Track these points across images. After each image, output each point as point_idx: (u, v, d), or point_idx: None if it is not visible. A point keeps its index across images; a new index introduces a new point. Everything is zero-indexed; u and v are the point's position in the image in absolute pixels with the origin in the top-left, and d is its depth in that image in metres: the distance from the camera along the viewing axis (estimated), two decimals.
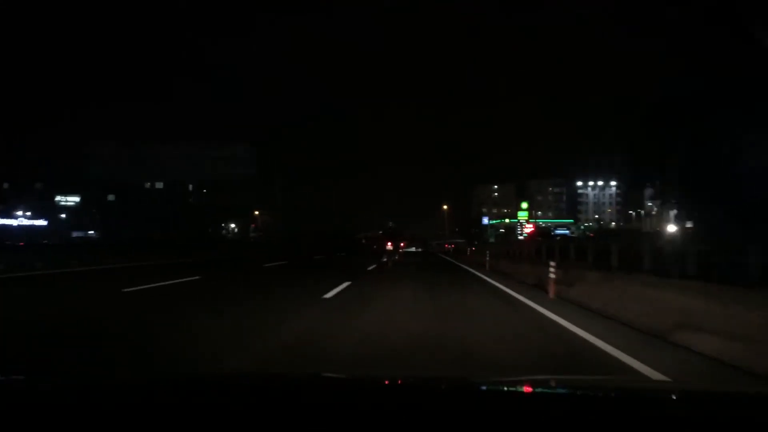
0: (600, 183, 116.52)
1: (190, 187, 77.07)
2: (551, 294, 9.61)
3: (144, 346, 5.19)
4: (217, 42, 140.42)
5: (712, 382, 3.97)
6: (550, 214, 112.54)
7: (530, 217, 79.09)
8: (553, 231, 59.47)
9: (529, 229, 57.69)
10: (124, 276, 14.62)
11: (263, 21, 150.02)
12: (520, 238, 57.84)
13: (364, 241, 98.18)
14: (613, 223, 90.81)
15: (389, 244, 45.09)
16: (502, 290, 11.42)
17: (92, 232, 66.63)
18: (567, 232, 58.59)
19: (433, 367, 4.38)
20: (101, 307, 8.50)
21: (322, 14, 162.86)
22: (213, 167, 42.13)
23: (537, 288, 11.13)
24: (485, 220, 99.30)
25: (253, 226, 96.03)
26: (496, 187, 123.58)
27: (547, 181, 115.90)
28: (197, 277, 13.96)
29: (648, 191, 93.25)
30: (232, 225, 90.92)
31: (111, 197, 74.04)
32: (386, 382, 1.96)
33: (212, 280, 14.04)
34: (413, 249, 73.52)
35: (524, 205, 60.61)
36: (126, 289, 10.68)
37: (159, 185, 75.26)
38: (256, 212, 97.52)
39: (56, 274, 15.38)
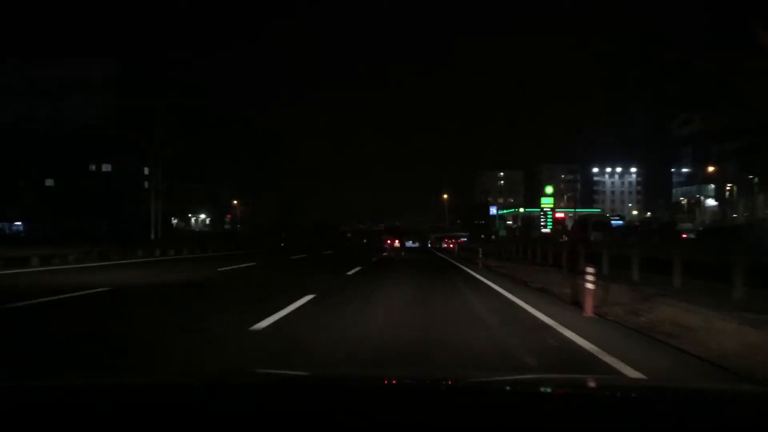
0: (619, 169, 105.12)
1: (146, 170, 64.77)
2: None
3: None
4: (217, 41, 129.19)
5: (686, 380, 3.98)
6: (561, 204, 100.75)
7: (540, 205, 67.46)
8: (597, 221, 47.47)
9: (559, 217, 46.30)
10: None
11: (260, 20, 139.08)
12: (545, 231, 46.46)
13: (349, 235, 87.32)
14: (649, 213, 78.89)
15: (396, 242, 42.58)
16: None
17: (19, 223, 54.56)
18: (621, 222, 46.56)
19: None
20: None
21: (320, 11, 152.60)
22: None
23: None
24: (493, 210, 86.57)
25: (228, 217, 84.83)
26: (502, 174, 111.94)
27: (560, 167, 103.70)
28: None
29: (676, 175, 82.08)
30: (202, 215, 78.97)
31: (49, 182, 62.29)
32: (384, 383, 1.95)
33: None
34: (410, 243, 65.78)
35: (549, 189, 49.05)
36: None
37: (106, 168, 63.26)
38: (235, 202, 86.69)
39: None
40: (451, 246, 52.95)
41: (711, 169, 52.04)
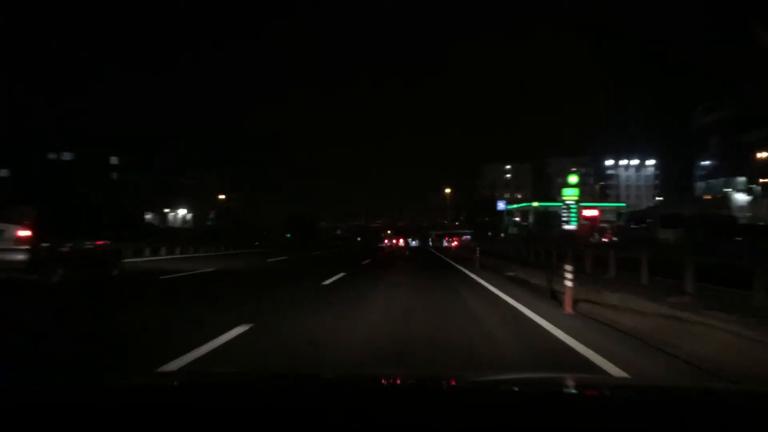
0: (634, 162, 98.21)
1: (113, 160, 57.72)
2: None
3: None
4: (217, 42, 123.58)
5: (669, 379, 4.00)
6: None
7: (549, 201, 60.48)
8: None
9: (590, 213, 39.44)
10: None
11: (260, 20, 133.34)
12: (568, 228, 39.86)
13: (339, 232, 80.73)
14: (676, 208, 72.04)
15: (401, 241, 37.47)
16: None
17: None
18: None
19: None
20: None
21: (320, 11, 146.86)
22: None
23: None
24: (501, 205, 79.30)
25: (212, 212, 77.96)
26: (508, 167, 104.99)
27: (570, 160, 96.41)
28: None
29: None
30: (183, 211, 71.89)
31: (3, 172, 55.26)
32: (383, 382, 1.96)
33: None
34: (409, 242, 61.53)
35: (573, 179, 41.97)
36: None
37: (67, 156, 56.03)
38: (221, 196, 79.90)
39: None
40: (453, 245, 46.19)
41: (762, 155, 44.86)
